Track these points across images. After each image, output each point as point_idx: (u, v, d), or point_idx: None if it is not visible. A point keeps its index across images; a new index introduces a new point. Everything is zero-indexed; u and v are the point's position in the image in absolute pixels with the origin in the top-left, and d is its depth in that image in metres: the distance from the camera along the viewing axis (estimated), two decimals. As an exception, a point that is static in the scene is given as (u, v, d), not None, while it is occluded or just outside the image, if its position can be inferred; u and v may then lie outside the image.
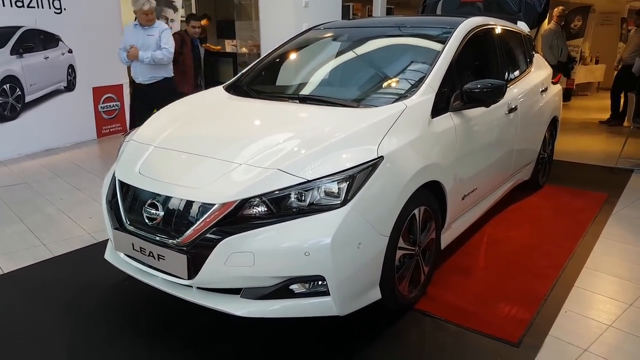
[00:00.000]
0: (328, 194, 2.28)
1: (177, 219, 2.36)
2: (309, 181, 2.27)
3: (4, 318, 2.76)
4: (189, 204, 2.34)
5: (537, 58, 4.70)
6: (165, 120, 3.08)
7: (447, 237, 3.15)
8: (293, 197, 2.27)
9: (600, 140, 7.40)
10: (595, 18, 12.41)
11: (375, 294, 2.49)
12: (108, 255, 2.88)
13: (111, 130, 7.32)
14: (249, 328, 2.61)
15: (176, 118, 3.07)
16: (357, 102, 2.92)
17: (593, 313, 2.81)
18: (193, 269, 2.29)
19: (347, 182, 2.28)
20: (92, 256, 3.51)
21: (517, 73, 4.12)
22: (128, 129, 7.58)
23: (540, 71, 4.58)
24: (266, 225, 2.23)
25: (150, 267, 2.49)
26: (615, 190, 4.89)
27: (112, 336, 2.60)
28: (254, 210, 2.27)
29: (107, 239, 3.67)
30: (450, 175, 2.93)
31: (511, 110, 3.70)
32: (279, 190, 2.26)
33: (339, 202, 2.26)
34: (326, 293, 2.29)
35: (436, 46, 3.21)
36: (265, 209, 2.27)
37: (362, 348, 2.48)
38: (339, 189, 2.28)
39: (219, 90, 3.51)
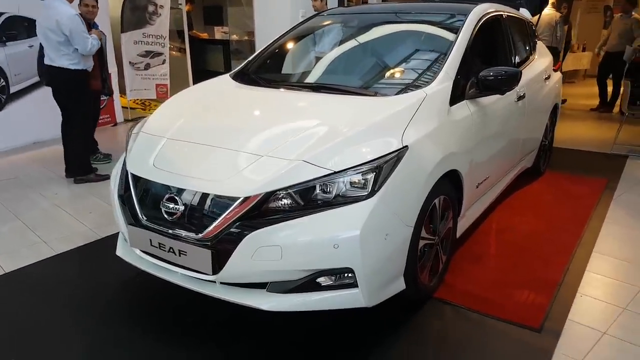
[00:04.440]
0: (354, 185, 2.24)
1: (198, 213, 2.30)
2: (335, 172, 2.22)
3: (11, 320, 2.67)
4: (212, 197, 2.28)
5: (539, 45, 4.71)
6: (174, 111, 3.00)
7: (461, 225, 3.15)
8: (318, 189, 2.23)
9: (592, 127, 7.47)
10: (581, 6, 12.51)
11: (400, 285, 2.47)
12: (120, 252, 2.79)
13: (99, 121, 7.12)
14: (271, 322, 2.57)
15: (186, 108, 2.99)
16: (374, 91, 2.89)
17: (607, 297, 2.84)
18: (218, 264, 2.24)
19: (374, 173, 2.25)
20: (98, 253, 3.43)
21: (524, 60, 4.12)
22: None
23: (542, 59, 4.59)
24: (293, 219, 2.19)
25: (169, 262, 2.43)
26: (613, 176, 4.95)
27: (130, 336, 2.53)
28: (279, 203, 2.22)
29: (112, 235, 3.64)
30: (467, 164, 2.92)
31: (520, 98, 3.70)
32: (305, 182, 2.21)
33: (366, 193, 2.23)
34: (353, 285, 2.26)
35: (450, 33, 3.18)
36: (291, 202, 2.22)
37: (386, 340, 2.46)
38: (365, 179, 2.24)
39: (226, 79, 3.42)
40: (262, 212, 2.21)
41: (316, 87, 3.03)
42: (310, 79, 3.32)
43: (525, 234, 3.65)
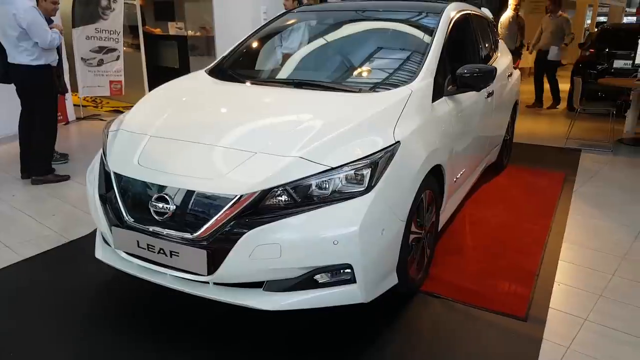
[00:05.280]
0: (350, 180, 2.24)
1: (191, 212, 2.23)
2: (332, 169, 2.21)
3: (-15, 329, 2.50)
4: (205, 196, 2.21)
5: (501, 43, 4.87)
6: (153, 108, 2.90)
7: (442, 219, 3.21)
8: (314, 186, 2.21)
9: (543, 122, 7.79)
10: (525, 6, 13.01)
11: (393, 279, 2.49)
12: (100, 254, 2.67)
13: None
14: (265, 322, 2.53)
15: (165, 105, 2.88)
16: (358, 87, 2.89)
17: (583, 284, 2.97)
18: (213, 265, 2.18)
19: (371, 168, 2.25)
20: (68, 257, 3.26)
21: (489, 58, 4.24)
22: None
23: (504, 57, 4.75)
24: (290, 216, 2.16)
25: (158, 264, 2.34)
26: (570, 169, 5.19)
27: (114, 342, 2.42)
28: (276, 200, 2.18)
29: (81, 238, 3.47)
30: (448, 158, 2.98)
31: (489, 94, 3.81)
32: (302, 179, 2.18)
33: (363, 188, 2.23)
34: (351, 281, 2.26)
35: (426, 30, 3.23)
36: (287, 199, 2.19)
37: (381, 335, 2.47)
38: (362, 175, 2.24)
39: (202, 75, 3.33)
40: (259, 210, 2.17)
41: (298, 84, 3.01)
42: (291, 75, 3.29)
43: (497, 226, 3.77)
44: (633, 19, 19.25)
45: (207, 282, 2.28)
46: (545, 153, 5.93)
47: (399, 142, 2.39)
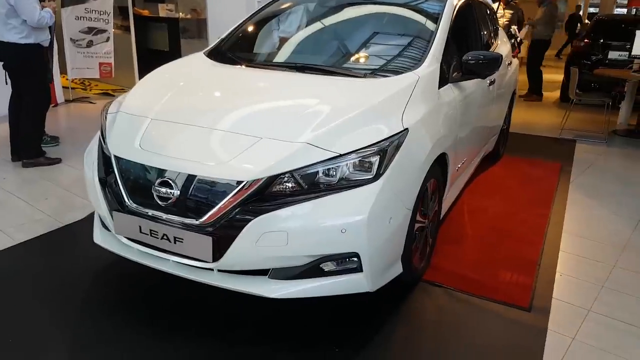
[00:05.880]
0: (358, 167, 2.19)
1: (196, 197, 2.17)
2: (341, 155, 2.16)
3: (-21, 315, 2.43)
4: (210, 182, 2.15)
5: (500, 31, 4.83)
6: (153, 90, 2.82)
7: (443, 207, 3.18)
8: (322, 173, 2.16)
9: (536, 112, 7.80)
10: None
11: (398, 268, 2.46)
12: (99, 239, 2.61)
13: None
14: (268, 309, 2.50)
15: (165, 88, 2.80)
16: (363, 72, 2.83)
17: (584, 275, 2.97)
18: (218, 251, 2.13)
19: (379, 156, 2.21)
20: (63, 241, 3.19)
21: (490, 45, 4.20)
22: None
23: (504, 45, 4.71)
24: (298, 203, 2.11)
25: (161, 250, 2.29)
26: (565, 160, 5.21)
27: (114, 327, 2.36)
28: (283, 186, 2.13)
29: (75, 222, 3.39)
30: (453, 147, 2.94)
31: (491, 82, 3.78)
32: (309, 165, 2.13)
33: (371, 176, 2.18)
34: (357, 270, 2.22)
35: (432, 15, 3.17)
36: (294, 185, 2.14)
37: (385, 326, 2.45)
38: (370, 162, 2.20)
39: (201, 57, 3.25)
40: (265, 196, 2.12)
41: (301, 68, 2.93)
42: (293, 58, 3.21)
43: (496, 215, 3.76)
44: (624, 10, 19.32)
45: (211, 269, 2.23)
46: (540, 143, 5.93)
47: (407, 129, 2.34)
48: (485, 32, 4.10)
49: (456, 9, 3.31)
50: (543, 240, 3.37)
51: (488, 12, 4.47)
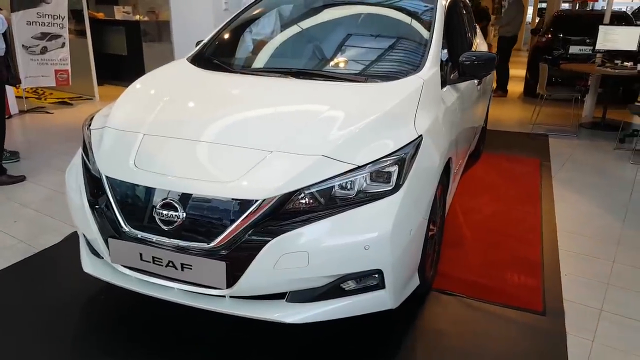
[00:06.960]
0: (375, 179, 2.07)
1: (205, 220, 1.99)
2: (359, 167, 2.04)
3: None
4: (220, 201, 1.98)
5: (477, 29, 4.83)
6: (139, 102, 2.60)
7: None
8: (339, 186, 2.03)
9: (504, 108, 7.89)
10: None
11: (415, 281, 2.37)
12: (89, 267, 2.39)
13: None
14: (277, 332, 2.34)
15: (152, 99, 2.59)
16: (363, 77, 2.71)
17: (588, 274, 2.96)
18: (232, 277, 1.96)
19: (398, 165, 2.09)
20: (41, 269, 2.92)
21: (473, 43, 4.18)
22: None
23: (482, 43, 4.71)
24: (316, 220, 1.97)
25: (165, 278, 2.09)
26: (542, 155, 5.27)
27: (116, 364, 2.17)
28: (299, 203, 1.99)
29: (51, 247, 3.12)
30: (455, 150, 2.88)
31: (479, 82, 3.75)
32: (327, 179, 2.00)
33: (390, 187, 2.07)
34: (379, 287, 2.10)
35: (426, 16, 3.09)
36: (311, 201, 2.00)
37: (400, 337, 2.35)
38: (389, 173, 2.08)
39: (185, 64, 3.05)
40: (280, 215, 1.97)
41: (296, 73, 2.79)
42: (289, 64, 3.04)
43: (488, 215, 3.73)
44: (567, 5, 20.00)
45: (223, 296, 2.06)
46: (514, 139, 5.99)
47: (421, 135, 2.25)
48: (470, 31, 4.06)
49: (446, 9, 3.24)
50: (541, 239, 3.35)
51: (468, 10, 4.44)
